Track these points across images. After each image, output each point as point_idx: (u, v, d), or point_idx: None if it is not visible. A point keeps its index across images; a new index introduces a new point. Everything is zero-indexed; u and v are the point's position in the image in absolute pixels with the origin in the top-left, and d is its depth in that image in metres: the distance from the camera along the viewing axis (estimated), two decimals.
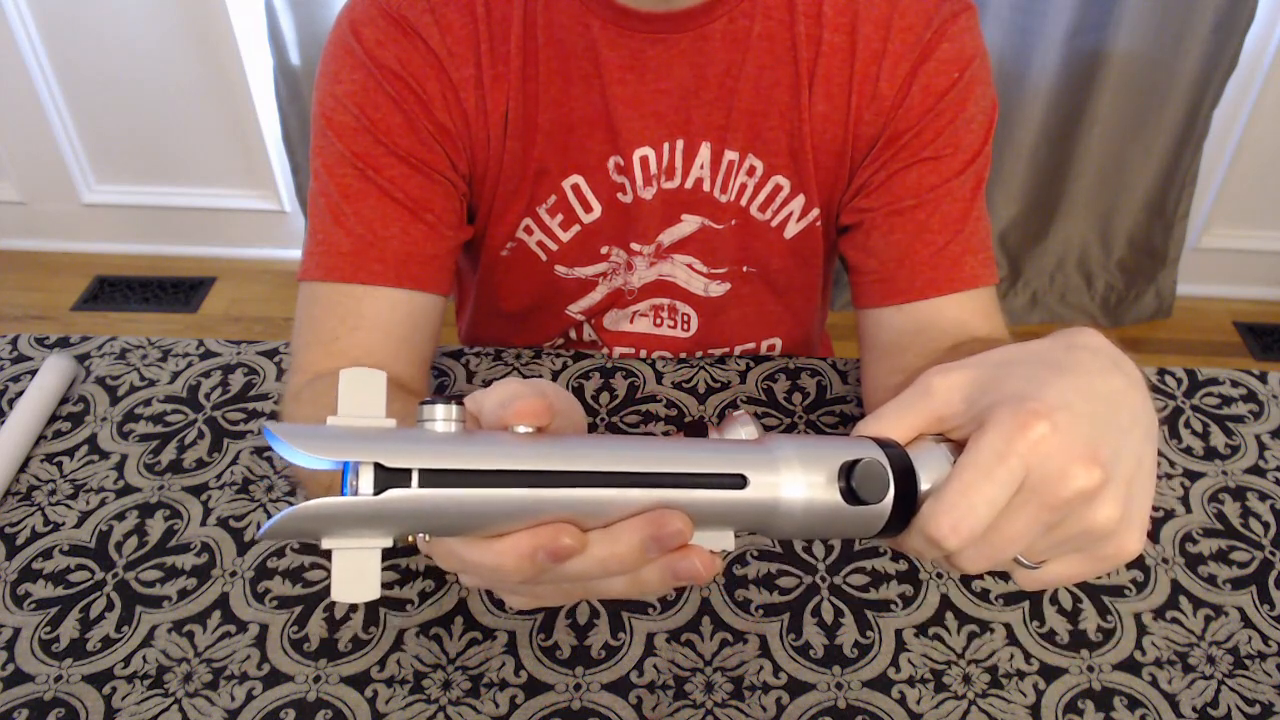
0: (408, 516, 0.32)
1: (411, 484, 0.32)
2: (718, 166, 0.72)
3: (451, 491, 0.32)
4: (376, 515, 0.31)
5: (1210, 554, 0.66)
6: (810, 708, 0.57)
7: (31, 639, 0.60)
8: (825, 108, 0.70)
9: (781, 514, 0.36)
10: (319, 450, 0.31)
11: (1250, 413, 0.77)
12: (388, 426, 0.33)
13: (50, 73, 1.92)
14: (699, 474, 0.35)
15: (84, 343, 0.81)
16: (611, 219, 0.74)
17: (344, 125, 0.66)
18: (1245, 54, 1.71)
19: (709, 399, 0.76)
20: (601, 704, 0.57)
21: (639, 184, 0.72)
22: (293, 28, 1.75)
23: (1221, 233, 2.03)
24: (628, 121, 0.69)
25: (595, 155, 0.71)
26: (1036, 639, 0.60)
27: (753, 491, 0.36)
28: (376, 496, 0.31)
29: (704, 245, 0.77)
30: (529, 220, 0.74)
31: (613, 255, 0.77)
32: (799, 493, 0.36)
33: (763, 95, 0.69)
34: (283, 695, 0.57)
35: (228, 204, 2.10)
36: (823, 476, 0.36)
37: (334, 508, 0.31)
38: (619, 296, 0.80)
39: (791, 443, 0.37)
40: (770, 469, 0.36)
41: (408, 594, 0.62)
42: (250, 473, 0.70)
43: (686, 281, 0.79)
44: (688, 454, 0.36)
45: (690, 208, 0.74)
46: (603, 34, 0.67)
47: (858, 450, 0.37)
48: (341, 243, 0.66)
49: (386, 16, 0.66)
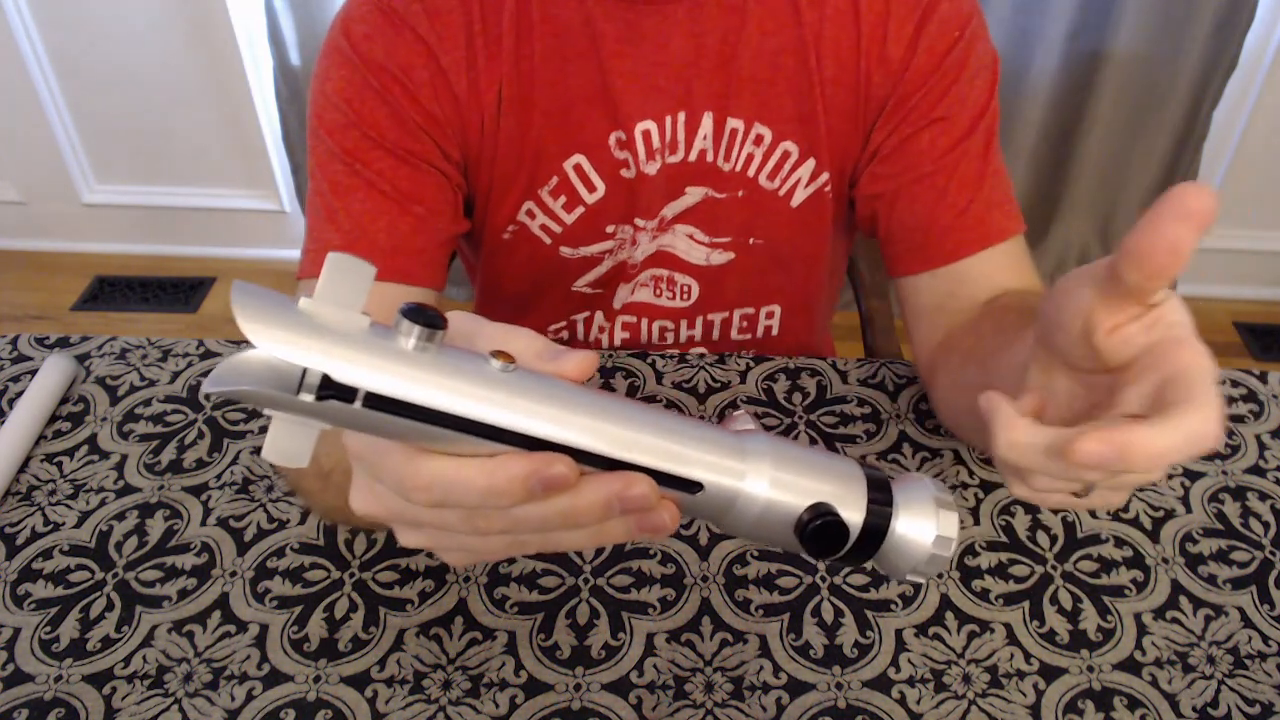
0: (346, 423, 0.32)
1: (356, 403, 0.31)
2: (720, 136, 0.72)
3: (392, 418, 0.31)
4: (316, 413, 0.31)
5: (1210, 554, 0.66)
6: (810, 708, 0.57)
7: (31, 639, 0.60)
8: (835, 70, 0.70)
9: (730, 523, 0.37)
10: (274, 340, 0.30)
11: (1250, 413, 0.77)
12: (359, 325, 0.31)
13: (50, 73, 1.92)
14: (660, 472, 0.35)
15: (84, 343, 0.81)
16: (615, 197, 0.74)
17: (333, 122, 0.67)
18: (1245, 54, 1.71)
19: (709, 399, 0.76)
20: (601, 704, 0.57)
21: (642, 159, 0.72)
22: (293, 28, 1.75)
23: (1221, 233, 2.03)
24: (628, 95, 0.70)
25: (596, 133, 0.71)
26: (1036, 639, 0.60)
27: (708, 496, 0.36)
28: (317, 402, 0.31)
29: (706, 215, 0.77)
30: (530, 204, 0.74)
31: (618, 233, 0.77)
32: (750, 516, 0.36)
33: (767, 61, 0.70)
34: (283, 695, 0.57)
35: (228, 204, 2.10)
36: (780, 520, 0.36)
37: (273, 397, 0.30)
38: (622, 270, 0.80)
39: (768, 468, 0.36)
40: (734, 484, 0.36)
41: (408, 594, 0.62)
42: (250, 473, 0.70)
43: (686, 252, 0.79)
44: (658, 442, 0.35)
45: (694, 180, 0.75)
46: (598, 8, 0.67)
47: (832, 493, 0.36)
48: (333, 239, 0.67)
49: (377, 10, 0.67)
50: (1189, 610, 0.62)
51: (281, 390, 0.30)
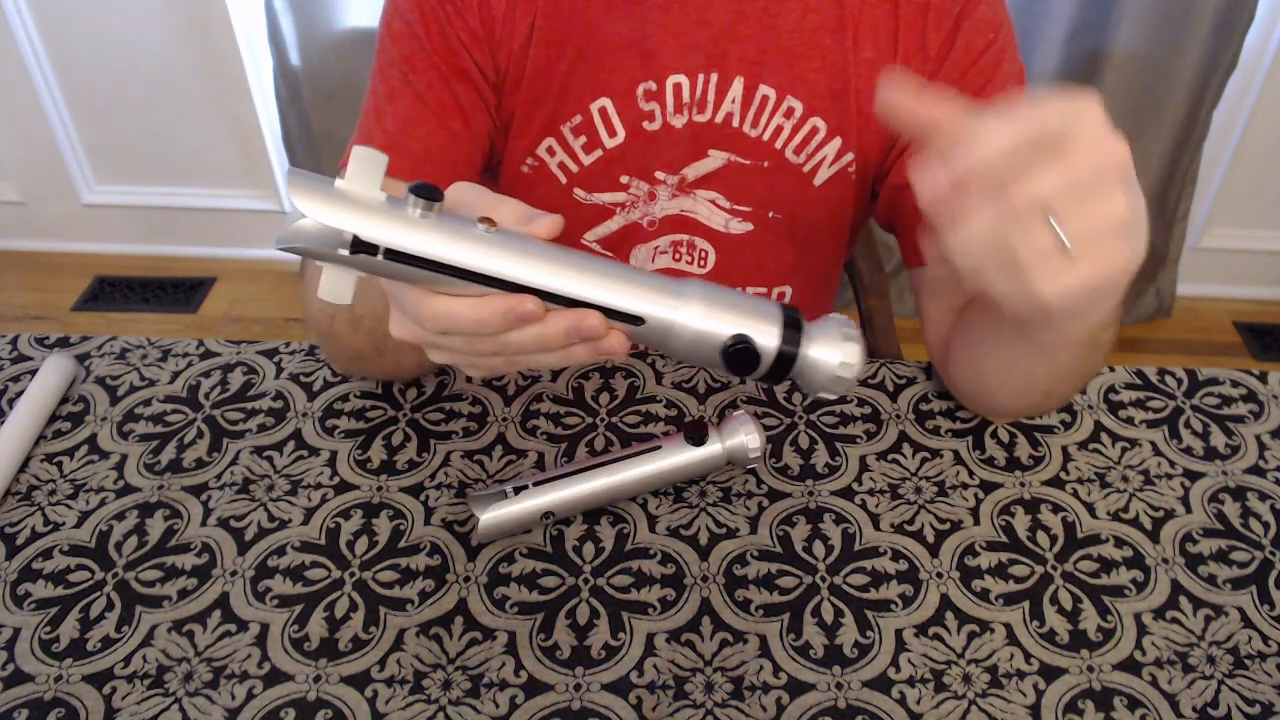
0: (373, 271, 0.44)
1: (378, 256, 0.43)
2: (749, 102, 0.74)
3: (404, 267, 0.43)
4: (351, 263, 0.43)
5: (1210, 554, 0.66)
6: (810, 708, 0.57)
7: (31, 639, 0.60)
8: (872, 54, 0.72)
9: (670, 347, 0.47)
10: (320, 212, 0.42)
11: (1250, 413, 0.77)
12: (378, 199, 0.43)
13: (50, 73, 1.92)
14: (607, 308, 0.45)
15: (84, 343, 0.81)
16: (634, 146, 0.76)
17: (396, 31, 0.72)
18: (1245, 54, 1.71)
19: (709, 399, 0.76)
20: (601, 704, 0.57)
21: (669, 111, 0.74)
22: (293, 28, 1.75)
23: (1221, 233, 2.03)
24: (665, 48, 0.71)
25: (626, 80, 0.73)
26: (1036, 639, 0.60)
27: (648, 329, 0.46)
28: (351, 255, 0.43)
29: (729, 182, 0.78)
30: (551, 140, 0.76)
31: (633, 187, 0.78)
32: (686, 340, 0.46)
33: (805, 37, 0.72)
34: (283, 695, 0.57)
35: (228, 204, 2.10)
36: (708, 346, 0.46)
37: (322, 252, 0.43)
38: (637, 230, 0.81)
39: (699, 306, 0.46)
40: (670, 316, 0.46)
41: (408, 594, 0.62)
42: (250, 472, 0.70)
43: (708, 218, 0.80)
44: (607, 285, 0.45)
45: (718, 143, 0.76)
46: None
47: (751, 324, 0.46)
48: (376, 138, 0.72)
49: None
50: (1189, 610, 0.62)
51: (326, 246, 0.43)
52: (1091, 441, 0.73)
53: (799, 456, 0.72)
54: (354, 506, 0.68)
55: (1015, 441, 0.73)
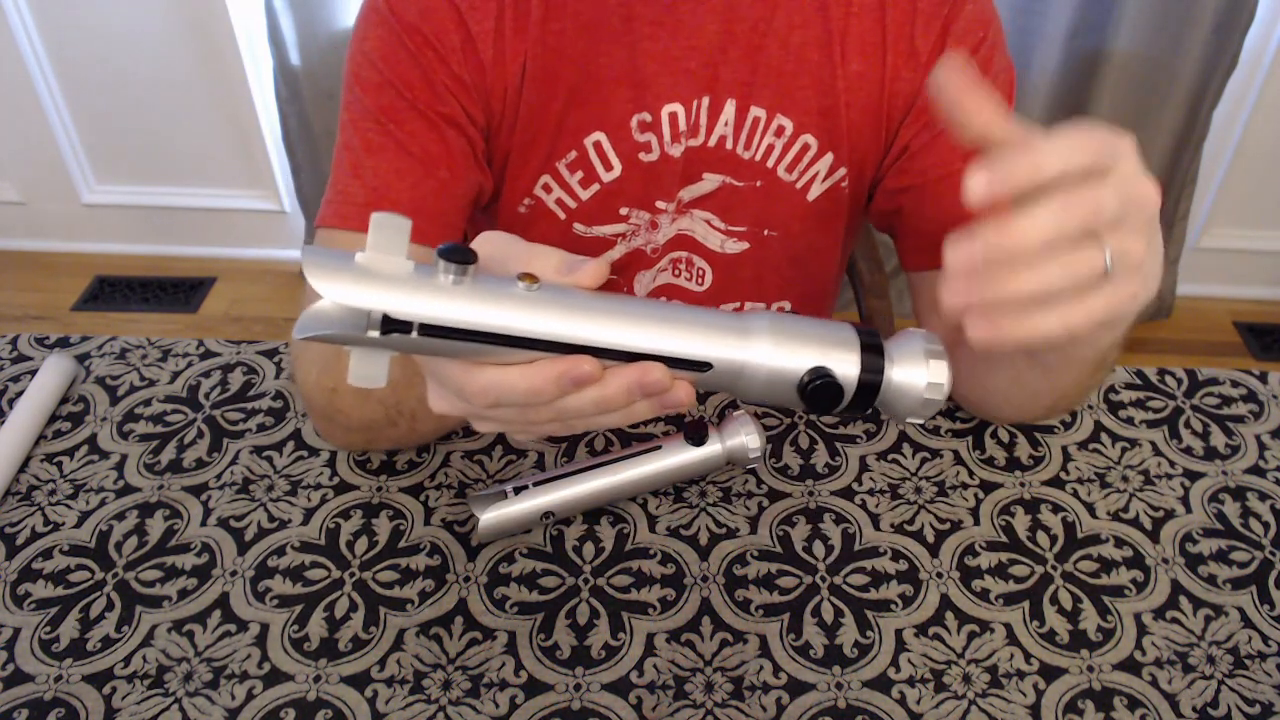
0: (409, 350, 0.40)
1: (413, 333, 0.38)
2: (742, 123, 0.73)
3: (443, 341, 0.39)
4: (383, 345, 0.39)
5: (1210, 554, 0.66)
6: (810, 708, 0.57)
7: (31, 639, 0.60)
8: (860, 66, 0.71)
9: (742, 390, 0.43)
10: (342, 295, 0.38)
11: (1250, 413, 0.77)
12: (405, 269, 0.38)
13: (50, 73, 1.92)
14: (670, 358, 0.41)
15: (84, 343, 0.81)
16: (631, 179, 0.75)
17: (369, 80, 0.69)
18: (1245, 54, 1.71)
19: (709, 399, 0.76)
20: (601, 704, 0.57)
21: (667, 141, 0.73)
22: (293, 28, 1.75)
23: (1221, 233, 2.03)
24: (657, 78, 0.71)
25: (619, 113, 0.72)
26: (1036, 639, 0.60)
27: (717, 374, 0.42)
28: (382, 336, 0.38)
29: (723, 203, 0.77)
30: (547, 177, 0.75)
31: (633, 217, 0.78)
32: (760, 380, 0.42)
33: (793, 54, 0.71)
34: (283, 695, 0.57)
35: (228, 204, 2.10)
36: (784, 384, 0.42)
37: (348, 336, 0.38)
38: (641, 256, 0.81)
39: (768, 343, 0.42)
40: (739, 357, 0.42)
41: (408, 594, 0.62)
42: (250, 472, 0.70)
43: (704, 237, 0.80)
44: (667, 333, 0.41)
45: (712, 166, 0.75)
46: None
47: (827, 356, 0.42)
48: (357, 194, 0.69)
49: None
50: (1189, 610, 0.62)
51: (353, 330, 0.38)
52: (1091, 441, 0.73)
53: (799, 456, 0.72)
54: (354, 506, 0.68)
55: (1015, 441, 0.73)
